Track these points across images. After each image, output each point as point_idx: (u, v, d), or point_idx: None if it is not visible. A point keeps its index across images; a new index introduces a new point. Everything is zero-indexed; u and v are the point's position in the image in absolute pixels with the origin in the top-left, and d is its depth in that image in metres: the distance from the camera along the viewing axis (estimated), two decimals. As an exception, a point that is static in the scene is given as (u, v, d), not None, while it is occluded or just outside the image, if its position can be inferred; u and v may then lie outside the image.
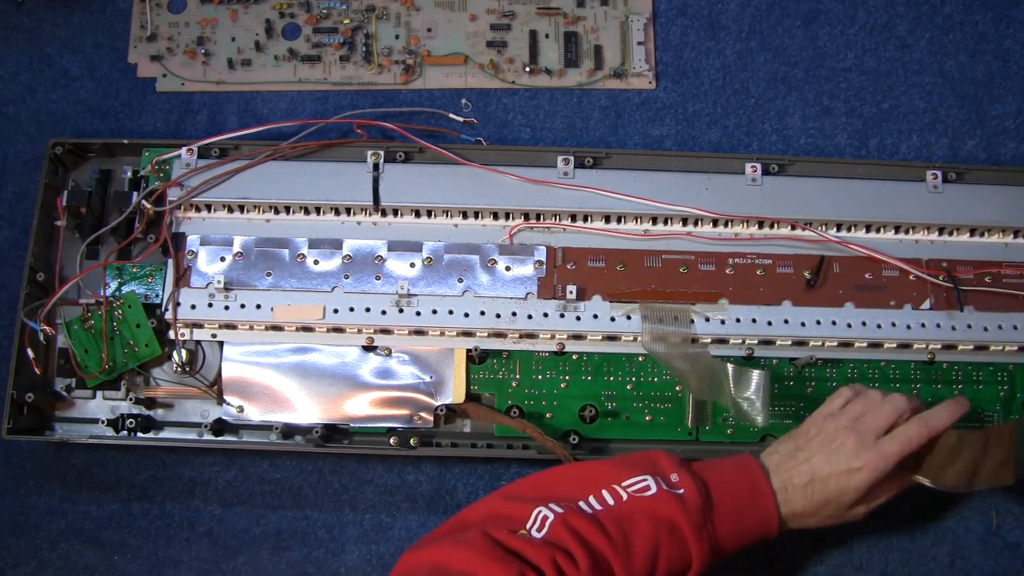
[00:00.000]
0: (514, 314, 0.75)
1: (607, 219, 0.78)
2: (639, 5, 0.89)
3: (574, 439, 0.74)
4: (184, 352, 0.75)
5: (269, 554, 0.78)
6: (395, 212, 0.77)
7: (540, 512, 0.60)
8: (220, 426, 0.75)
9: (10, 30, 0.89)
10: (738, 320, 0.75)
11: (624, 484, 0.62)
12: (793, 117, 0.87)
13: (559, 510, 0.60)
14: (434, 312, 0.75)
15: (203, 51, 0.87)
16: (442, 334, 0.75)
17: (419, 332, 0.75)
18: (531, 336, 0.76)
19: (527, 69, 0.87)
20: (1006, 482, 0.67)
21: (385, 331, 0.75)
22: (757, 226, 0.78)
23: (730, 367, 0.71)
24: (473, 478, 0.80)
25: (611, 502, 0.61)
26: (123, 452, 0.80)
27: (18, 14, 0.89)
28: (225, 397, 0.75)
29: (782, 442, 0.68)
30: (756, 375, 0.70)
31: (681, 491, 0.62)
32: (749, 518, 0.64)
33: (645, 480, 0.62)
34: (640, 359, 0.76)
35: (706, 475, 0.64)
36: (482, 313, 0.75)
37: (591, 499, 0.62)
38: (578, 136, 0.86)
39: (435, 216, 0.78)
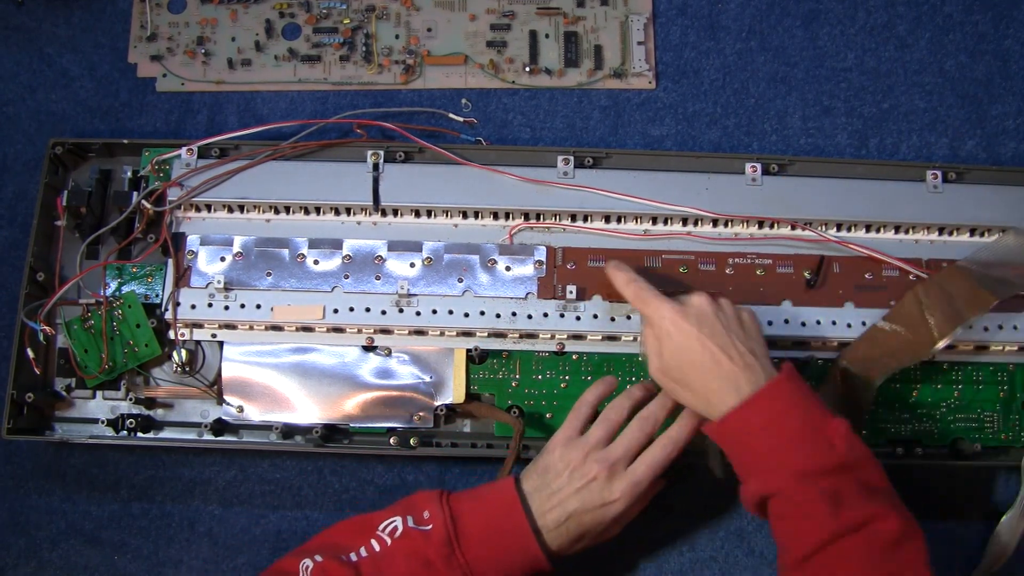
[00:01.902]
0: (514, 314, 0.75)
1: (607, 219, 0.78)
2: (639, 5, 0.89)
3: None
4: (184, 352, 0.75)
5: (269, 554, 0.78)
6: (395, 212, 0.77)
7: (305, 563, 0.64)
8: (220, 426, 0.75)
9: (10, 30, 0.89)
10: (738, 320, 0.75)
11: (380, 528, 0.65)
12: (793, 117, 0.87)
13: (319, 559, 0.63)
14: (434, 312, 0.75)
15: (203, 51, 0.87)
16: (442, 334, 0.75)
17: (419, 332, 0.75)
18: (531, 336, 0.76)
19: (527, 69, 0.87)
20: (989, 305, 0.71)
21: (385, 331, 0.75)
22: (757, 226, 0.78)
23: None
24: (474, 478, 0.79)
25: (376, 548, 0.65)
26: (123, 452, 0.80)
27: (18, 14, 0.89)
28: (225, 397, 0.75)
29: (534, 468, 0.68)
30: None
31: (429, 527, 0.64)
32: (506, 543, 0.65)
33: (395, 521, 0.65)
34: (640, 359, 0.76)
35: (459, 506, 0.66)
36: (482, 313, 0.75)
37: (361, 549, 0.65)
38: (578, 136, 0.86)
39: (435, 216, 0.78)
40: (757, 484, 0.62)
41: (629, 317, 0.75)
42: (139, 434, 0.76)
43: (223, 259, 0.76)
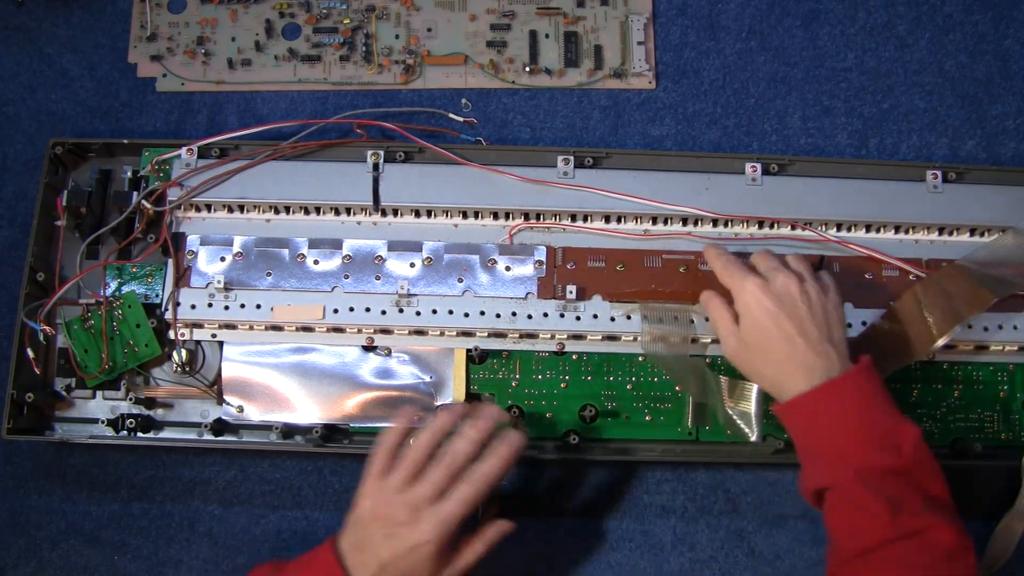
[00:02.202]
0: (514, 314, 0.75)
1: (607, 219, 0.78)
2: (639, 5, 0.89)
3: (574, 439, 0.74)
4: (184, 352, 0.75)
5: (269, 554, 0.78)
6: (395, 212, 0.77)
7: None
8: (220, 426, 0.75)
9: (10, 30, 0.89)
10: (738, 320, 0.75)
11: None
12: (793, 117, 0.87)
13: None
14: (434, 312, 0.75)
15: (203, 51, 0.87)
16: (442, 334, 0.75)
17: (419, 332, 0.75)
18: (531, 336, 0.76)
19: (527, 69, 0.87)
20: (988, 303, 0.71)
21: (385, 331, 0.75)
22: (757, 226, 0.78)
23: (724, 380, 0.72)
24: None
25: None
26: (123, 452, 0.80)
27: (18, 14, 0.89)
28: (225, 397, 0.75)
29: (349, 521, 0.65)
30: (752, 389, 0.71)
31: None
32: None
33: None
34: (640, 359, 0.76)
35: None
36: (482, 313, 0.75)
37: None
38: (578, 136, 0.86)
39: (435, 216, 0.78)
40: (818, 475, 0.62)
41: (629, 317, 0.75)
42: (139, 434, 0.76)
43: (223, 259, 0.76)
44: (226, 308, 0.75)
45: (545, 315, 0.75)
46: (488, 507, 0.75)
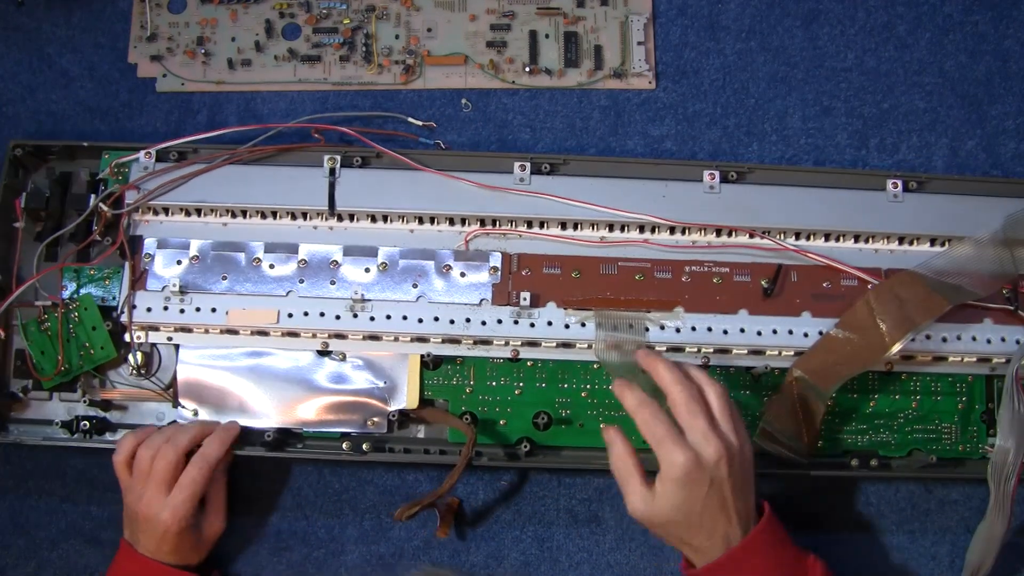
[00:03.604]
0: (468, 320, 0.75)
1: (563, 226, 0.77)
2: (639, 5, 0.88)
3: (526, 447, 0.74)
4: (140, 355, 0.75)
5: (269, 554, 0.78)
6: (351, 217, 0.77)
7: None
8: (175, 429, 0.76)
9: (10, 30, 0.89)
10: (693, 328, 0.75)
11: None
12: (793, 117, 0.87)
13: None
14: (388, 317, 0.75)
15: (203, 51, 0.87)
16: (396, 339, 0.75)
17: (373, 337, 0.75)
18: (485, 342, 0.75)
19: (527, 69, 0.87)
20: (942, 310, 0.72)
21: (339, 336, 0.75)
22: (715, 234, 0.77)
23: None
24: (473, 478, 0.80)
25: None
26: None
27: (18, 14, 0.89)
28: (180, 400, 0.75)
29: (124, 521, 0.74)
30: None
31: None
32: None
33: None
34: (595, 367, 0.76)
35: None
36: (436, 319, 0.75)
37: None
38: (578, 136, 0.86)
39: (391, 221, 0.77)
40: None
41: (584, 324, 0.74)
42: (95, 436, 0.76)
43: (179, 262, 0.76)
44: (182, 311, 0.75)
45: (499, 321, 0.75)
46: (445, 514, 0.76)
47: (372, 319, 0.74)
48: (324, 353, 0.76)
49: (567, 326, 0.75)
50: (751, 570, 0.64)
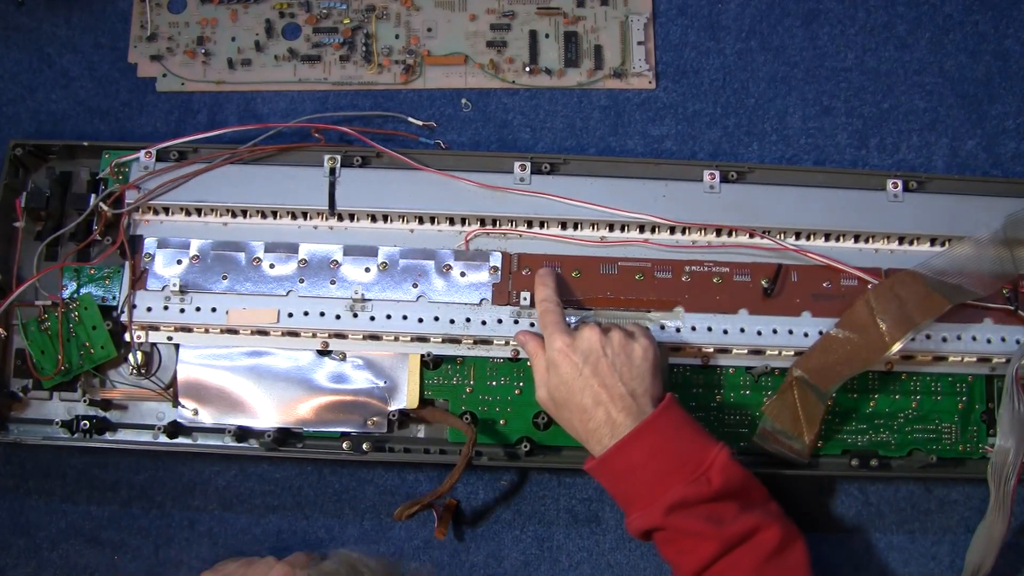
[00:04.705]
0: (468, 320, 0.75)
1: (563, 225, 0.77)
2: (639, 5, 0.88)
3: (526, 446, 0.74)
4: (140, 354, 0.75)
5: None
6: (351, 217, 0.77)
7: None
8: (175, 428, 0.76)
9: (10, 30, 0.89)
10: (694, 328, 0.75)
11: None
12: (793, 117, 0.87)
13: None
14: (388, 317, 0.75)
15: (203, 51, 0.87)
16: (396, 339, 0.75)
17: (373, 337, 0.75)
18: (485, 342, 0.75)
19: (527, 69, 0.87)
20: (942, 309, 0.72)
21: (339, 336, 0.75)
22: (715, 234, 0.77)
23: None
24: (473, 478, 0.80)
25: None
26: (123, 453, 0.79)
27: (18, 14, 0.89)
28: (180, 400, 0.75)
29: None
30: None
31: None
32: None
33: None
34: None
35: None
36: (436, 319, 0.75)
37: None
38: (578, 136, 0.86)
39: (391, 221, 0.78)
40: (638, 520, 0.64)
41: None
42: (95, 435, 0.76)
43: (180, 262, 0.76)
44: (182, 311, 0.75)
45: (499, 321, 0.75)
46: (443, 514, 0.76)
47: (372, 319, 0.74)
48: (324, 353, 0.76)
49: (567, 326, 0.75)
50: (642, 460, 0.64)
